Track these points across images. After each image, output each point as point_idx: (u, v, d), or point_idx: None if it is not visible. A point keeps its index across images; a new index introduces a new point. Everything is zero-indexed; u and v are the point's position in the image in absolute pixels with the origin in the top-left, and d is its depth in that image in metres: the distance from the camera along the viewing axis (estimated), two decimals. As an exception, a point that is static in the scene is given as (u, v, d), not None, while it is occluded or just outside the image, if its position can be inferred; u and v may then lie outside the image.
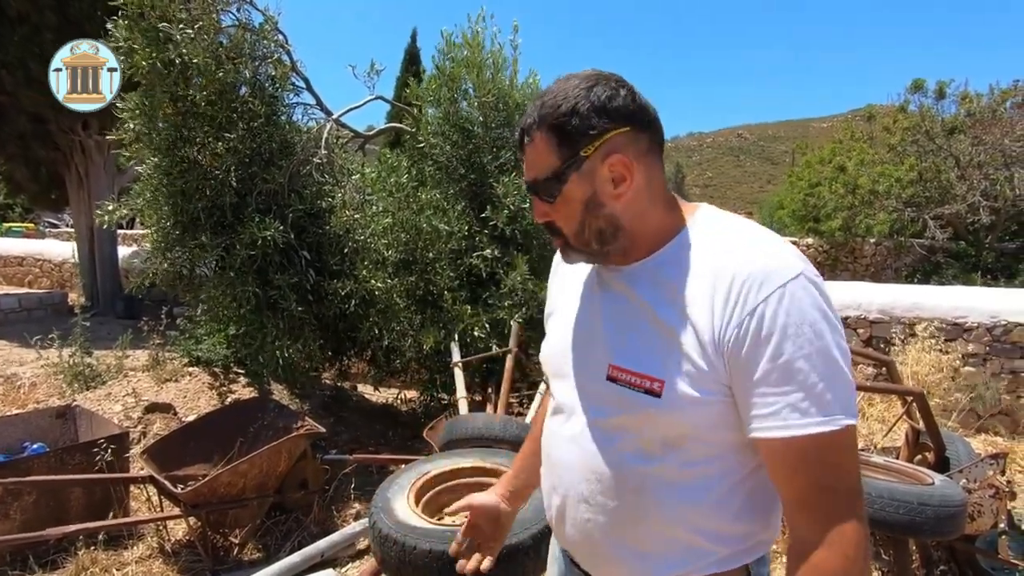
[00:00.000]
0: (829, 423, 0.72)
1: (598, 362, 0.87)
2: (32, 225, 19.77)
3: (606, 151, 0.81)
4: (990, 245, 10.69)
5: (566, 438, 0.92)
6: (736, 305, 0.76)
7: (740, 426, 0.79)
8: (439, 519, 2.06)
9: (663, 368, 0.80)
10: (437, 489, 2.17)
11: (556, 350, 0.97)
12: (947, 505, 2.01)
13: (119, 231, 11.69)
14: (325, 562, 2.86)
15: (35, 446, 3.21)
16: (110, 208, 3.29)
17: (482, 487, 2.34)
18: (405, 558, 1.79)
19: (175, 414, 4.23)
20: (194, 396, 4.42)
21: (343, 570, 2.89)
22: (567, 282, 1.01)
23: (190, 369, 4.67)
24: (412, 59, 17.46)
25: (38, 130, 8.36)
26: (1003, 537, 2.69)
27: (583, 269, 0.97)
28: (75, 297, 9.58)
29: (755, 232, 0.83)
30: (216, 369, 4.62)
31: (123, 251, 10.26)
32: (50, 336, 4.57)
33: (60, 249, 11.42)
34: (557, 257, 1.05)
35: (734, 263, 0.78)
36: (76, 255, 9.42)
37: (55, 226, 20.81)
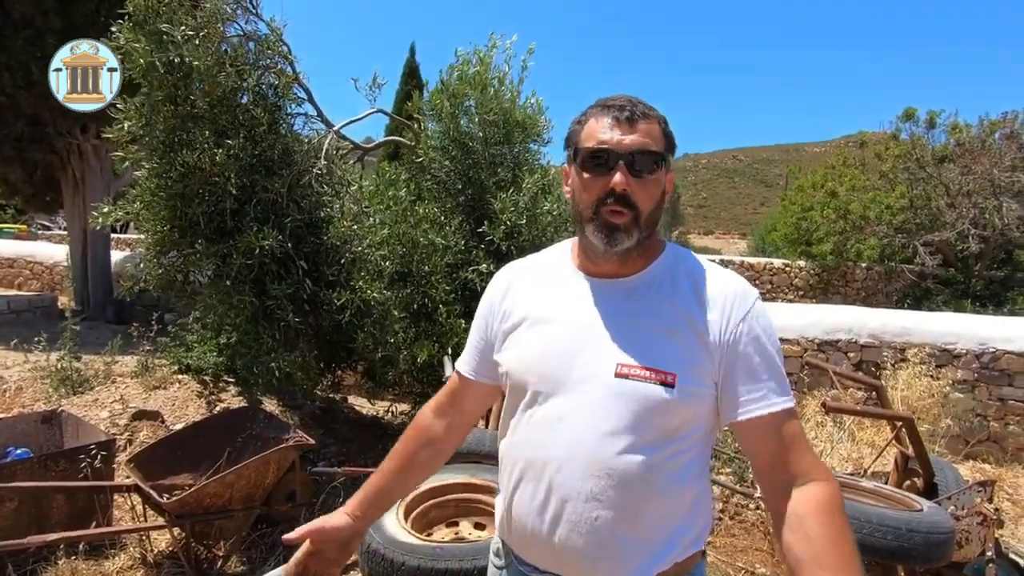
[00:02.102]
0: (791, 400, 0.95)
1: (601, 363, 0.94)
2: (24, 227, 19.62)
3: (668, 166, 1.00)
4: (979, 273, 10.83)
5: (566, 440, 0.94)
6: (731, 315, 0.94)
7: (715, 416, 0.97)
8: (428, 535, 2.04)
9: (674, 364, 0.92)
10: (426, 505, 2.15)
11: (542, 355, 0.99)
12: (936, 532, 2.02)
13: (112, 235, 11.64)
14: (310, 577, 2.82)
15: (19, 451, 3.16)
16: (105, 210, 3.28)
17: (471, 503, 2.32)
18: (393, 574, 1.77)
19: (163, 422, 4.18)
20: (182, 404, 4.37)
21: (328, 585, 2.85)
22: (534, 295, 1.05)
23: (179, 376, 4.63)
24: (412, 73, 17.60)
25: (35, 132, 8.34)
26: (991, 565, 2.68)
27: (556, 282, 1.04)
28: (66, 301, 9.50)
29: (715, 264, 1.04)
30: (206, 377, 4.58)
31: (116, 255, 10.20)
32: (37, 339, 4.52)
33: (51, 251, 11.33)
34: (503, 276, 1.14)
35: (719, 282, 0.98)
36: (69, 258, 9.37)
37: (47, 228, 20.66)
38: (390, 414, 5.27)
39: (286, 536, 1.04)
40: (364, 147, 4.81)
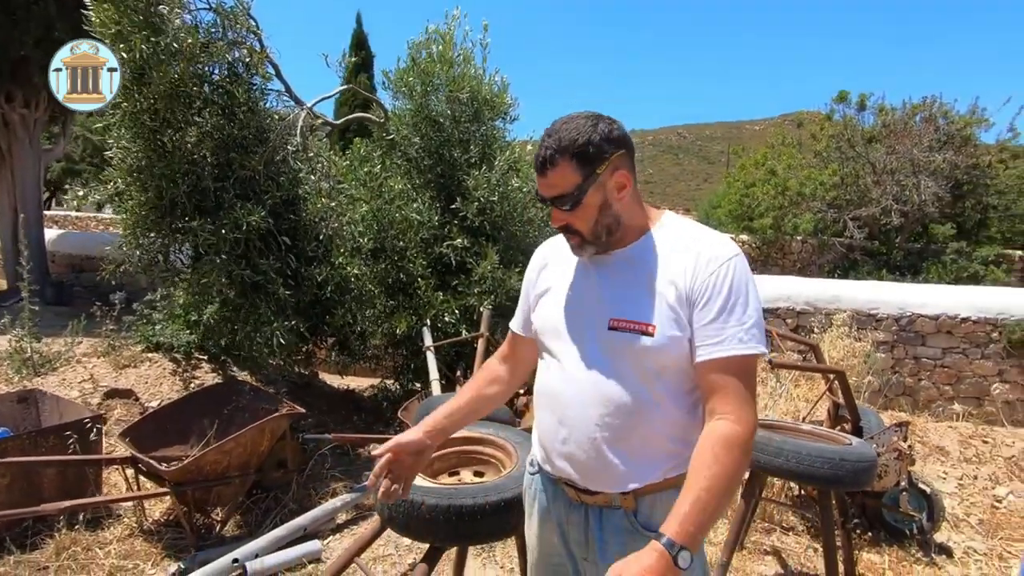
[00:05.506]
0: (753, 348, 1.10)
1: (600, 318, 1.18)
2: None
3: (612, 168, 1.15)
4: (899, 245, 11.82)
5: (574, 379, 1.20)
6: (702, 269, 1.12)
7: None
8: (437, 480, 2.26)
9: (652, 316, 1.13)
10: (431, 456, 2.36)
11: (558, 316, 1.26)
12: (862, 460, 2.42)
13: (45, 212, 10.94)
14: (308, 535, 2.99)
15: (-1, 430, 3.14)
16: (80, 193, 3.22)
17: (471, 454, 2.56)
18: (413, 513, 1.99)
19: (136, 400, 4.18)
20: (156, 382, 4.36)
21: (325, 542, 3.03)
22: (557, 269, 1.31)
23: (150, 355, 4.59)
24: (360, 44, 17.16)
25: (-44, 101, 7.75)
26: (904, 494, 3.19)
27: (570, 258, 1.27)
28: (-1, 282, 8.96)
29: (706, 228, 1.22)
30: (177, 355, 4.57)
31: (50, 234, 9.65)
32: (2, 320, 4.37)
33: (-25, 230, 10.54)
34: (540, 252, 1.38)
35: (698, 244, 1.15)
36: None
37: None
38: (370, 388, 5.40)
39: (375, 451, 1.27)
40: (334, 123, 4.82)
